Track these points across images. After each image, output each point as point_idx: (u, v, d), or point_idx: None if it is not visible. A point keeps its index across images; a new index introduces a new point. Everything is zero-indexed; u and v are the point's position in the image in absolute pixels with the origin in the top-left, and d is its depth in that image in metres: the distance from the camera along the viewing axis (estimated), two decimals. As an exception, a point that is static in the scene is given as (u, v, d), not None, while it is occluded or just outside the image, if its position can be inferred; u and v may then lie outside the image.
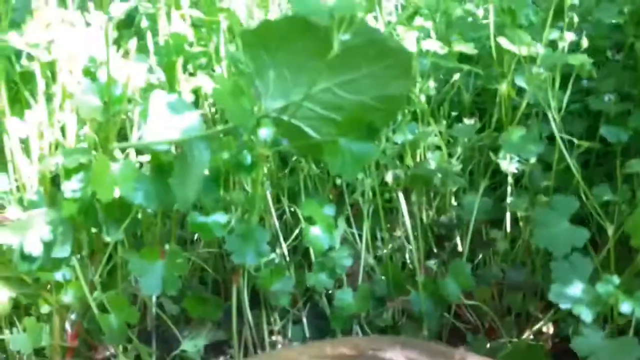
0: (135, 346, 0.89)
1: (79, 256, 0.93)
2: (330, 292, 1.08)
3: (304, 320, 1.11)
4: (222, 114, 1.05)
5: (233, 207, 0.97)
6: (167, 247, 0.97)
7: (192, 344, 0.92)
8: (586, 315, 0.67)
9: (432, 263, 1.08)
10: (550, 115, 0.97)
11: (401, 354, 0.68)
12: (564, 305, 0.69)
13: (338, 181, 1.13)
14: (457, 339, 1.11)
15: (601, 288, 0.68)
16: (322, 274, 1.06)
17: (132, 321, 0.87)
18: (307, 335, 1.10)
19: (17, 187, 0.99)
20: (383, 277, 1.13)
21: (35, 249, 0.79)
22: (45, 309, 0.98)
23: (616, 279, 0.68)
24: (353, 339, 0.79)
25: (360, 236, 1.14)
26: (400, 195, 1.10)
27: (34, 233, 0.79)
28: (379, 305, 1.13)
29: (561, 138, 0.97)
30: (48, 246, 0.81)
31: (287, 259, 1.07)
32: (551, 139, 0.99)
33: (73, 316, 1.00)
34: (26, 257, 0.79)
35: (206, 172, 0.87)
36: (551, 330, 1.11)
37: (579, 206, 0.81)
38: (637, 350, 0.65)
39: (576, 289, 0.69)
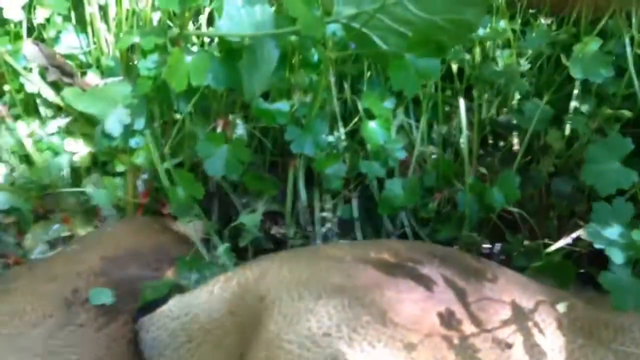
0: (198, 216, 0.98)
1: (151, 128, 1.00)
2: (382, 179, 1.14)
3: (354, 201, 1.18)
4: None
5: (295, 96, 1.01)
6: (230, 118, 1.03)
7: (249, 217, 1.01)
8: (618, 258, 0.72)
9: (483, 167, 1.11)
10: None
11: (437, 271, 0.75)
12: (598, 245, 0.74)
13: (402, 72, 1.14)
14: (496, 236, 1.18)
15: (636, 235, 0.72)
16: (375, 162, 1.11)
17: (198, 195, 0.95)
18: (356, 215, 1.18)
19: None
20: (433, 169, 1.18)
21: (115, 130, 0.86)
22: (120, 168, 1.07)
23: (653, 226, 0.72)
24: (396, 244, 0.85)
25: (417, 127, 1.17)
26: (462, 92, 1.11)
27: (114, 116, 0.86)
28: (426, 195, 1.19)
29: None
30: (126, 126, 0.88)
31: (344, 144, 1.12)
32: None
33: (145, 176, 1.10)
34: (106, 135, 0.86)
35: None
36: (590, 237, 1.17)
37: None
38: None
39: (613, 231, 0.73)
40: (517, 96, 1.17)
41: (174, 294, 0.84)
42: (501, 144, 1.21)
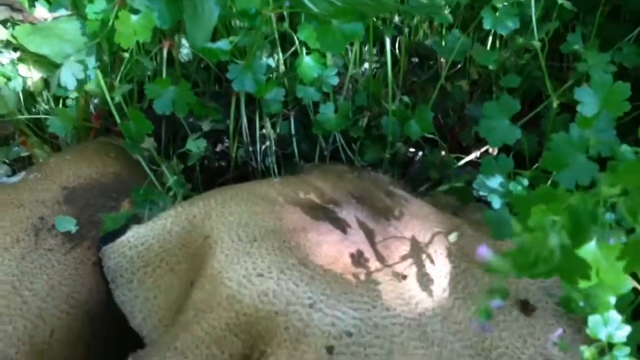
0: (149, 148, 1.10)
1: (100, 60, 1.08)
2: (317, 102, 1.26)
3: (292, 120, 1.31)
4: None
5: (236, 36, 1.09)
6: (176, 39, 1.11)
7: (195, 143, 1.13)
8: (496, 203, 0.89)
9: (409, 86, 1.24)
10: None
11: (353, 214, 0.91)
12: (482, 193, 0.91)
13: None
14: (418, 148, 1.35)
15: (512, 186, 0.89)
16: (310, 88, 1.22)
17: (147, 130, 1.06)
18: (293, 132, 1.32)
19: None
20: (364, 90, 1.30)
21: (70, 83, 0.94)
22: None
23: (526, 181, 0.89)
24: (322, 183, 0.99)
25: (351, 50, 1.28)
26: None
27: (68, 69, 0.94)
28: (357, 113, 1.32)
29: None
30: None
31: (282, 70, 1.22)
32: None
33: (96, 100, 1.19)
34: (62, 87, 0.95)
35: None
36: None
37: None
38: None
39: (495, 181, 0.89)
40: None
41: (132, 224, 0.98)
42: (426, 66, 1.34)
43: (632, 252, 0.43)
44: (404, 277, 0.85)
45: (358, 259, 0.85)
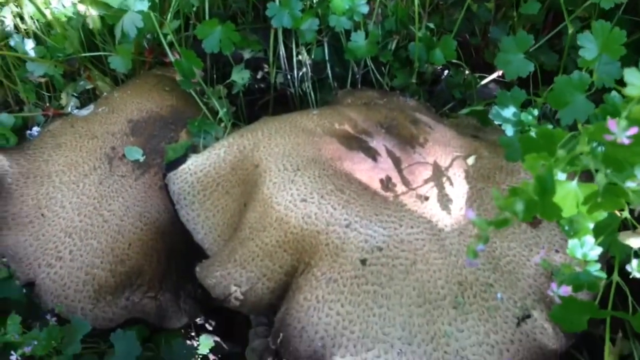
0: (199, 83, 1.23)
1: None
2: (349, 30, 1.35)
3: (325, 46, 1.42)
4: None
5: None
6: None
7: (238, 75, 1.26)
8: (509, 131, 1.02)
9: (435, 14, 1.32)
10: None
11: (382, 143, 1.05)
12: (496, 122, 1.03)
13: None
14: (444, 67, 1.45)
15: (524, 116, 1.00)
16: (342, 17, 1.32)
17: (198, 66, 1.19)
18: (327, 57, 1.43)
19: None
20: (392, 15, 1.39)
21: (131, 32, 1.06)
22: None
23: (536, 111, 1.00)
24: (355, 113, 1.12)
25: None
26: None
27: (129, 20, 1.06)
28: (386, 37, 1.42)
29: None
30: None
31: (316, 2, 1.32)
32: None
33: (148, 36, 1.31)
34: (124, 35, 1.07)
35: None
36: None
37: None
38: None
39: (508, 112, 1.01)
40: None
41: (190, 153, 1.13)
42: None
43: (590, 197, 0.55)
44: (426, 198, 0.99)
45: (387, 184, 0.99)
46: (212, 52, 1.22)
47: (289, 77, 1.39)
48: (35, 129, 1.28)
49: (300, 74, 1.40)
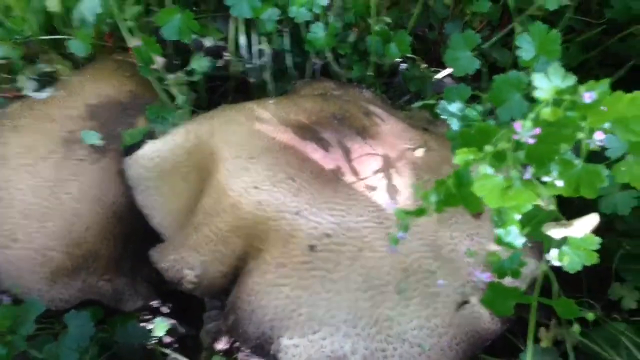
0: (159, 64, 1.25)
1: None
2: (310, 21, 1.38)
3: (285, 36, 1.44)
4: None
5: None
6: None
7: (198, 63, 1.28)
8: (455, 125, 1.06)
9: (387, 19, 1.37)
10: None
11: (334, 135, 1.09)
12: (443, 116, 1.07)
13: None
14: (402, 61, 1.49)
15: (468, 111, 1.05)
16: (302, 8, 1.35)
17: (157, 53, 1.21)
18: (287, 47, 1.46)
19: None
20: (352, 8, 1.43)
21: (90, 17, 1.08)
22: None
23: (480, 107, 1.05)
24: (310, 104, 1.15)
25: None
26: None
27: (86, 4, 1.07)
28: (346, 29, 1.46)
29: None
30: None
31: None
32: None
33: (108, 20, 1.32)
34: (83, 20, 1.09)
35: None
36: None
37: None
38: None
39: (454, 107, 1.06)
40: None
41: (147, 139, 1.16)
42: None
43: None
44: (374, 188, 1.03)
45: (337, 173, 1.03)
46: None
47: (249, 65, 1.41)
48: (-7, 111, 1.28)
49: (261, 63, 1.42)
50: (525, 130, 0.53)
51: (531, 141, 0.53)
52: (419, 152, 1.13)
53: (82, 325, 0.97)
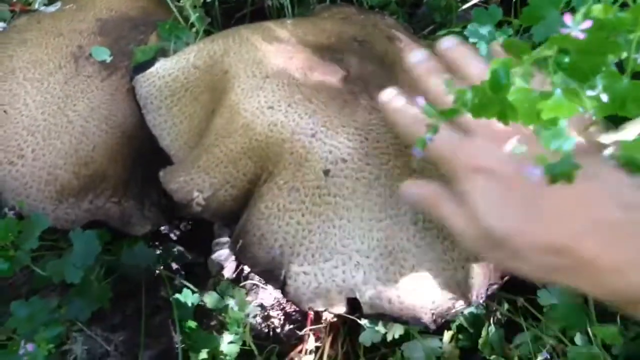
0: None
1: None
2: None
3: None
4: None
5: None
6: None
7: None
8: (483, 49, 1.00)
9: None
10: None
11: (353, 57, 1.03)
12: (471, 40, 1.01)
13: None
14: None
15: (498, 34, 0.99)
16: None
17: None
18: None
19: None
20: None
21: None
22: None
23: (510, 30, 0.99)
24: (331, 24, 1.09)
25: None
26: None
27: None
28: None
29: None
30: None
31: None
32: None
33: None
34: None
35: None
36: None
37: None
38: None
39: (484, 30, 0.99)
40: None
41: (159, 57, 1.10)
42: None
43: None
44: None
45: (357, 97, 0.98)
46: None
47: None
48: (1, 25, 1.23)
49: (279, -16, 1.35)
50: (575, 23, 0.47)
51: (581, 36, 0.48)
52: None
53: (88, 243, 0.94)
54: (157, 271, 1.12)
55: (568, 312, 0.98)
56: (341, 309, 0.93)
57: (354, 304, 0.91)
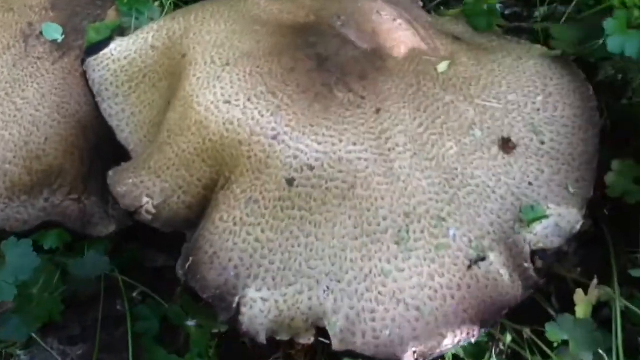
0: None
1: None
2: None
3: None
4: None
5: None
6: None
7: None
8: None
9: None
10: None
11: (334, 40, 0.86)
12: None
13: None
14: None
15: None
16: None
17: None
18: None
19: None
20: None
21: None
22: None
23: None
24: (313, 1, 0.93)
25: None
26: None
27: None
28: None
29: None
30: None
31: None
32: None
33: None
34: None
35: None
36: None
37: None
38: None
39: None
40: None
41: (116, 36, 0.96)
42: None
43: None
44: (378, 110, 0.82)
45: (332, 89, 0.82)
46: None
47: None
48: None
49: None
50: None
51: None
52: (442, 67, 0.90)
53: (24, 255, 0.82)
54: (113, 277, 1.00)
55: (583, 350, 0.82)
56: (309, 338, 0.79)
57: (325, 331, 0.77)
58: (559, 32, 1.11)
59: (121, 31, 0.97)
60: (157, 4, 1.00)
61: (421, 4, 1.14)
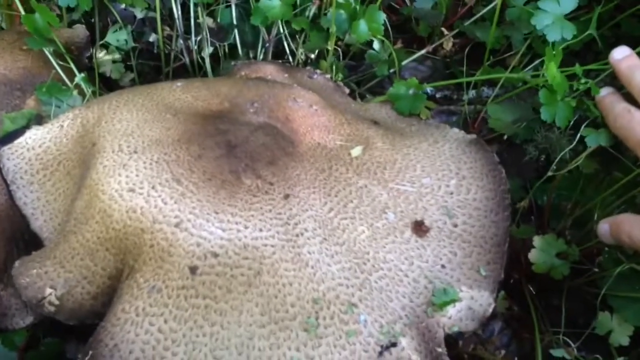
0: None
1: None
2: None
3: (233, 7, 1.23)
4: None
5: None
6: None
7: (114, 36, 1.07)
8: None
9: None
10: None
11: (243, 128, 0.87)
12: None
13: None
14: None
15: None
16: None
17: (54, 23, 1.01)
18: (235, 21, 1.24)
19: None
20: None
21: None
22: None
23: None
24: (229, 88, 0.92)
25: None
26: None
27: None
28: (305, 1, 1.22)
29: None
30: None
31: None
32: None
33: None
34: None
35: None
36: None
37: None
38: None
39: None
40: None
41: (33, 124, 0.96)
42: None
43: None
44: (287, 196, 0.82)
45: (239, 175, 0.81)
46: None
47: (187, 42, 1.20)
48: None
49: (199, 38, 1.21)
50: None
51: None
52: (355, 152, 0.91)
53: None
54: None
55: None
56: None
57: None
58: (494, 111, 1.14)
59: (38, 119, 0.97)
60: (76, 92, 1.00)
61: (347, 90, 1.16)
